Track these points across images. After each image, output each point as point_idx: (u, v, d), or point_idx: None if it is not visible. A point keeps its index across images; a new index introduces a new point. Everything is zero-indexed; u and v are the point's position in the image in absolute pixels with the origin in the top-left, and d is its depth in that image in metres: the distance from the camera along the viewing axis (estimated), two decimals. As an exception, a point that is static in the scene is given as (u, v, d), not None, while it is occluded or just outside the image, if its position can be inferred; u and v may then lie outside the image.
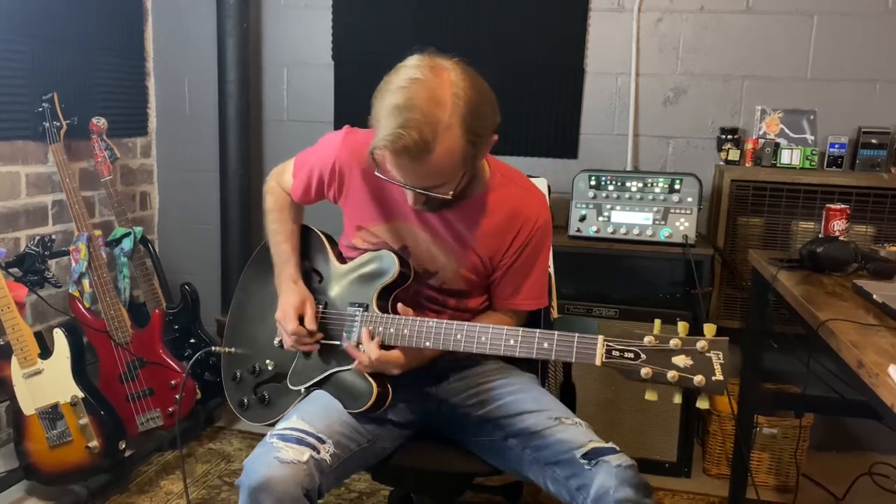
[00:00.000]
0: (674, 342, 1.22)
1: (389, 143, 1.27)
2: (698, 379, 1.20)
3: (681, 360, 1.22)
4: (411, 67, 1.31)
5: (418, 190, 1.36)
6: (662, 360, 1.22)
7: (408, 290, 1.54)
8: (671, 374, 1.21)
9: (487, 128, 1.36)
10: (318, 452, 1.35)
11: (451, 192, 1.37)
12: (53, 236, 2.39)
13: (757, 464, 2.47)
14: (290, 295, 1.55)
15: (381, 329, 1.44)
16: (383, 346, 1.43)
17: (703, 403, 1.22)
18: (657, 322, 1.26)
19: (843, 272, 1.83)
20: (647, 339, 1.24)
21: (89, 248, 2.39)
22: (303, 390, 1.55)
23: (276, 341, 1.61)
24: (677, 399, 1.24)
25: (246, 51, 2.92)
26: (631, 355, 1.24)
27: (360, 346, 1.45)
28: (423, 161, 1.29)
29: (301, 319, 1.52)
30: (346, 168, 1.55)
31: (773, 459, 2.48)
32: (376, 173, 1.41)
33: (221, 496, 2.31)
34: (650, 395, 1.24)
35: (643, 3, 2.70)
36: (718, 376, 1.20)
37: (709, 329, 1.22)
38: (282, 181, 1.70)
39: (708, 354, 1.20)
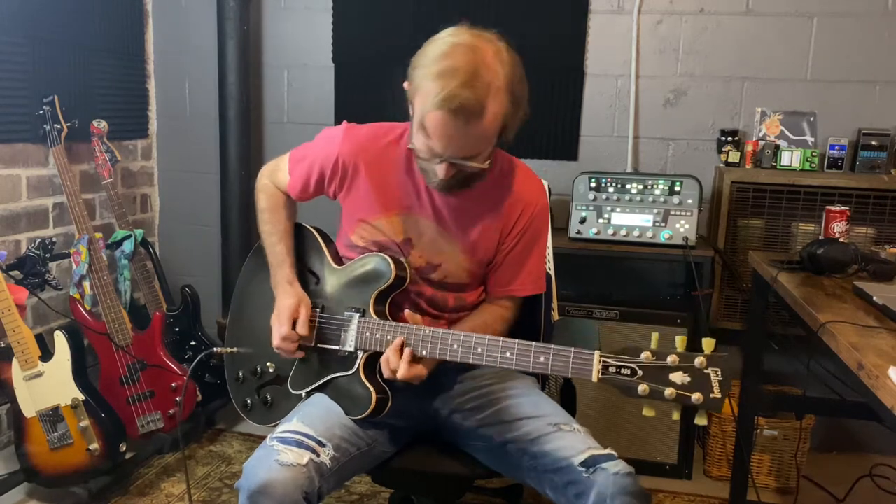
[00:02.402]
0: (671, 358, 1.20)
1: (446, 102, 1.24)
2: (696, 396, 1.18)
3: (678, 377, 1.20)
4: (452, 35, 1.31)
5: (457, 160, 1.33)
6: (660, 376, 1.20)
7: (406, 292, 1.53)
8: (668, 392, 1.19)
9: (525, 95, 1.35)
10: (318, 456, 1.35)
11: (487, 162, 1.36)
12: (54, 239, 2.39)
13: (758, 465, 2.47)
14: (286, 297, 1.53)
15: (377, 336, 1.43)
16: (378, 354, 1.43)
17: (701, 420, 1.21)
18: (654, 336, 1.24)
19: (844, 274, 1.83)
20: (643, 355, 1.22)
21: (90, 251, 2.39)
22: (303, 395, 1.54)
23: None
24: (676, 416, 1.23)
25: (246, 53, 2.92)
26: (628, 372, 1.22)
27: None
28: (474, 124, 1.27)
29: (295, 323, 1.51)
30: (349, 162, 1.53)
31: (773, 461, 2.48)
32: (409, 146, 1.39)
33: (222, 498, 2.31)
34: (648, 412, 1.23)
35: (643, 5, 2.70)
36: (716, 394, 1.18)
37: (707, 344, 1.20)
38: (275, 178, 1.68)
39: (706, 371, 1.18)
